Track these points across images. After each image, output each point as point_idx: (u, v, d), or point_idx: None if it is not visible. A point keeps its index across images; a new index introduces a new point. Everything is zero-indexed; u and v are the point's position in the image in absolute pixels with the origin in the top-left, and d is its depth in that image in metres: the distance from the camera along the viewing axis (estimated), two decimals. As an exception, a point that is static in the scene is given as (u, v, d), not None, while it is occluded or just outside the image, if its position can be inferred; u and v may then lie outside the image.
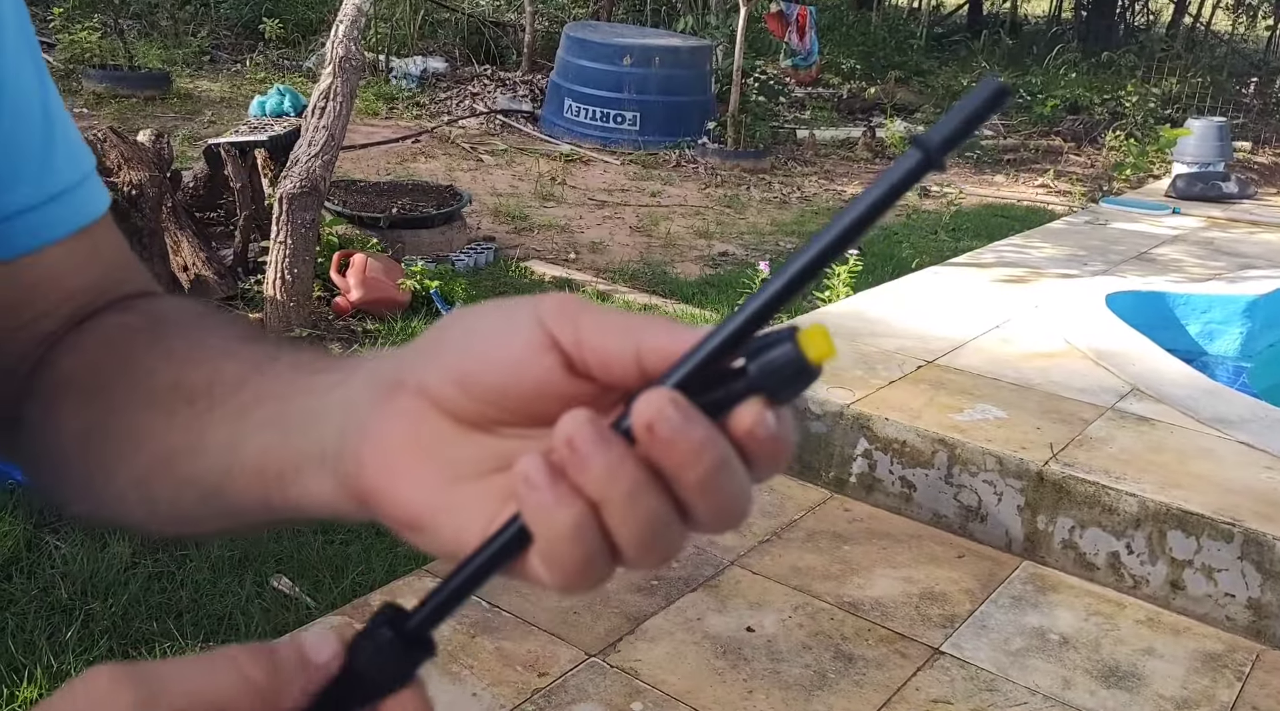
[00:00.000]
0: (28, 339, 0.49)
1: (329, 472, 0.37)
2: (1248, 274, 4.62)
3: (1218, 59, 11.77)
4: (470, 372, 0.34)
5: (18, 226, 0.47)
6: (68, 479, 0.48)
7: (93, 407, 0.46)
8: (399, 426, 0.35)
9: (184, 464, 0.42)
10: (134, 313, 0.50)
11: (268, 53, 9.14)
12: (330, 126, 3.59)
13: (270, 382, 0.41)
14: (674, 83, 7.72)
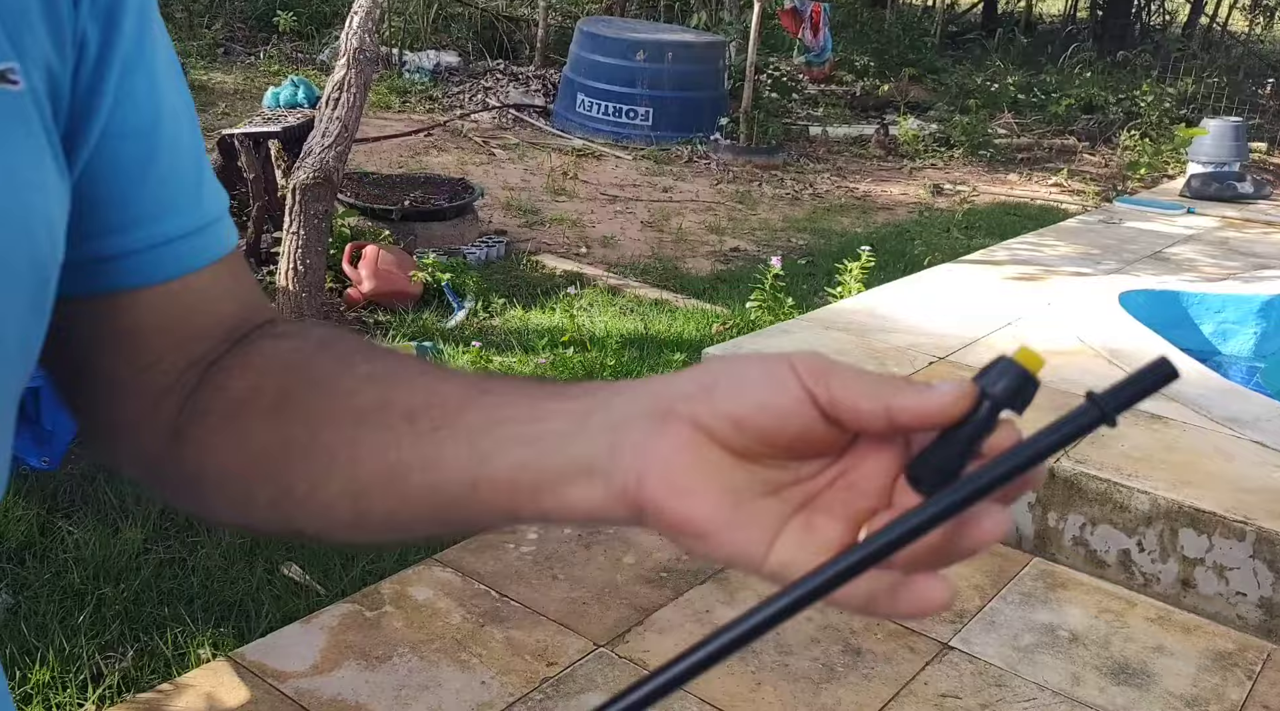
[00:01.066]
0: (183, 361, 0.53)
1: (598, 485, 0.42)
2: (1262, 274, 4.59)
3: (1234, 59, 11.70)
4: (746, 417, 0.40)
5: (176, 250, 0.51)
6: (237, 492, 0.52)
7: (287, 425, 0.50)
8: (683, 450, 0.41)
9: (415, 478, 0.46)
10: (299, 338, 0.55)
11: (282, 45, 9.17)
12: (344, 117, 3.59)
13: (503, 406, 0.45)
14: (687, 78, 7.71)
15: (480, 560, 2.44)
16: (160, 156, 0.50)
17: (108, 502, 2.59)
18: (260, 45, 9.19)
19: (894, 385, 0.39)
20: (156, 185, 0.50)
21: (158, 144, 0.50)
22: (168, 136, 0.50)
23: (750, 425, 0.40)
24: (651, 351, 3.84)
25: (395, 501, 0.47)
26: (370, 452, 0.47)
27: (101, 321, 0.51)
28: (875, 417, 0.39)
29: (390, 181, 5.17)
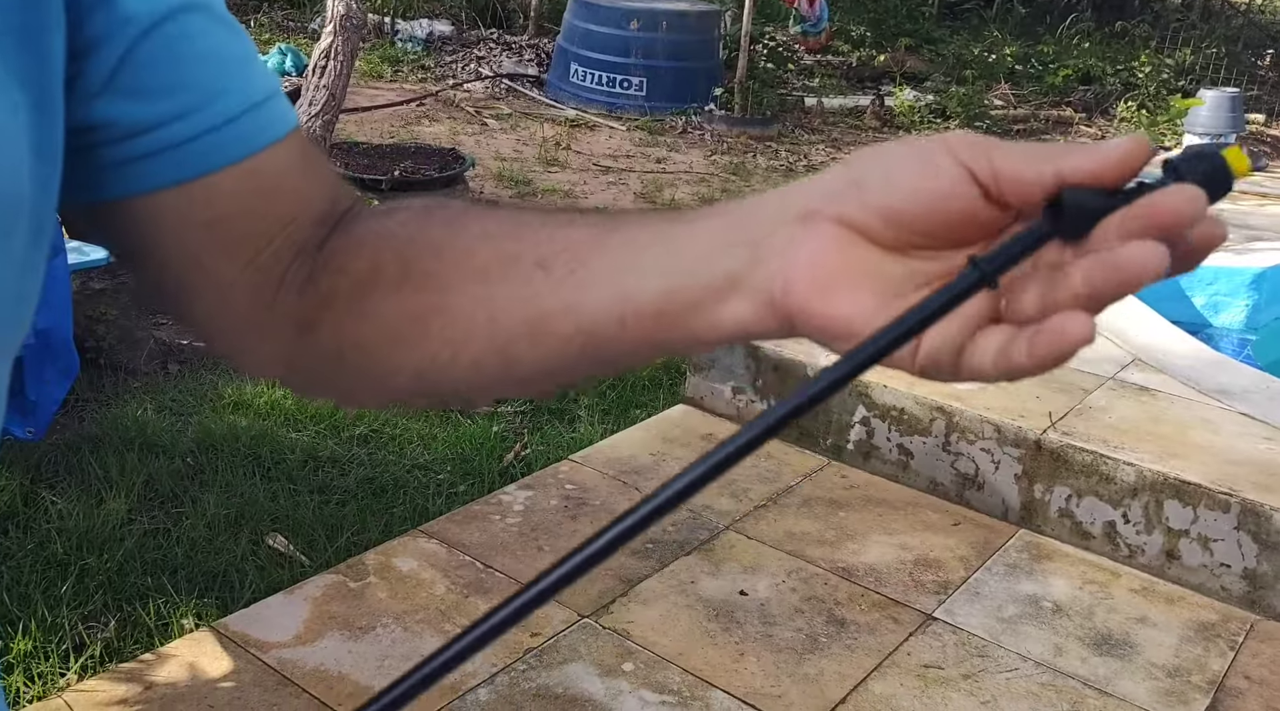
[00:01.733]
0: (286, 250, 0.52)
1: (745, 298, 0.41)
2: (1255, 246, 4.58)
3: (1234, 30, 11.61)
4: (899, 209, 0.39)
5: (237, 129, 0.50)
6: (379, 370, 0.52)
7: (417, 295, 0.50)
8: (828, 251, 0.40)
9: (560, 324, 0.46)
10: (402, 212, 0.53)
11: (272, 13, 9.07)
12: (331, 86, 3.56)
13: (636, 240, 0.45)
14: (681, 48, 7.64)
15: (465, 531, 2.44)
16: (196, 40, 0.49)
17: (92, 473, 2.59)
18: (251, 14, 9.08)
19: (1060, 150, 0.37)
20: (200, 68, 0.49)
21: (188, 28, 0.49)
22: (198, 20, 0.50)
23: (905, 215, 0.39)
24: (641, 323, 3.83)
25: (544, 350, 0.47)
26: (509, 306, 0.47)
27: (188, 218, 0.50)
28: (1043, 185, 0.37)
29: (380, 151, 5.12)
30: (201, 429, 2.84)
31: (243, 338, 0.55)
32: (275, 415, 2.97)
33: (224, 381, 3.12)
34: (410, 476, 2.74)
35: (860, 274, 0.40)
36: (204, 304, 0.54)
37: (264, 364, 0.57)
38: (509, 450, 2.92)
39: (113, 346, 3.14)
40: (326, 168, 0.57)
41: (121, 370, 3.11)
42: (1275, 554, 2.32)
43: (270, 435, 2.84)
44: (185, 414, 2.94)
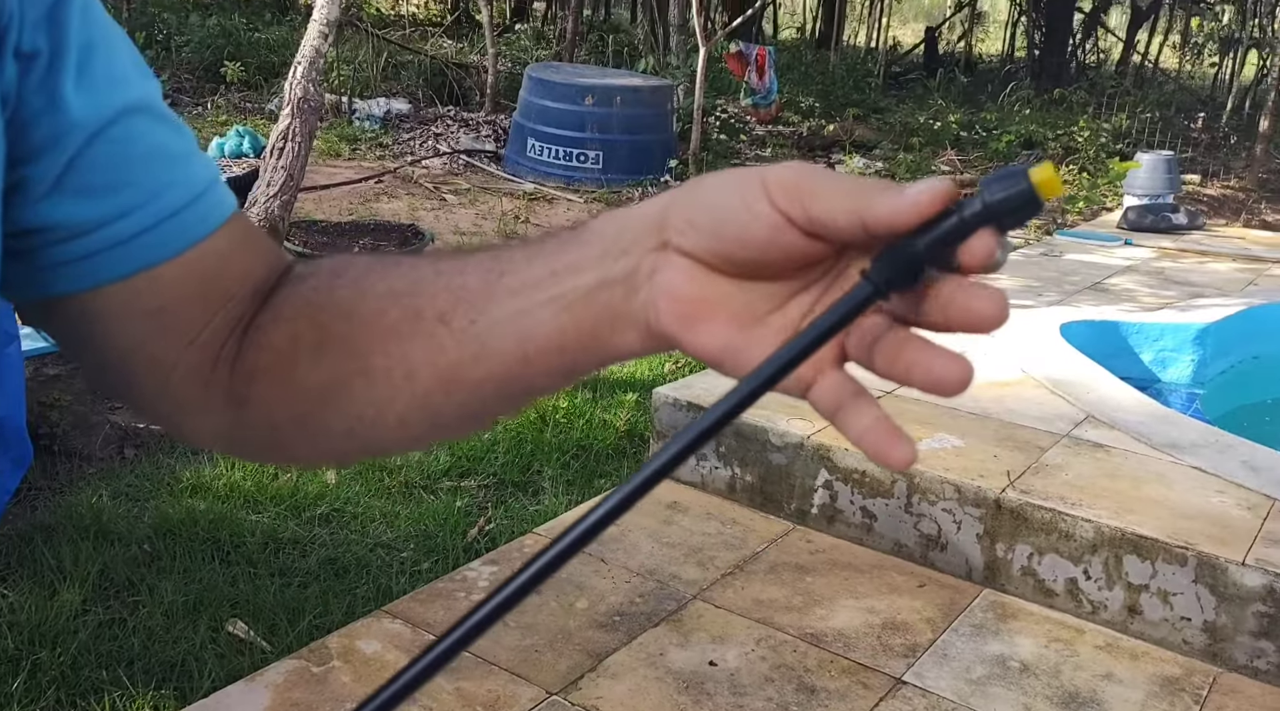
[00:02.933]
0: (222, 328, 0.54)
1: (631, 329, 0.45)
2: (1198, 302, 4.72)
3: (1166, 95, 12.08)
4: (728, 252, 0.41)
5: (182, 221, 0.52)
6: (312, 434, 0.54)
7: (336, 361, 0.52)
8: (682, 284, 0.43)
9: (471, 371, 0.48)
10: (313, 277, 0.56)
11: (230, 95, 9.14)
12: (289, 166, 3.59)
13: (524, 283, 0.47)
14: (636, 121, 7.80)
15: (430, 610, 2.41)
16: (139, 141, 0.51)
17: (45, 563, 2.53)
18: (208, 96, 9.15)
19: (869, 194, 0.38)
20: (144, 167, 0.51)
21: (132, 130, 0.51)
22: (141, 122, 0.52)
23: (736, 257, 0.41)
24: (604, 392, 3.84)
25: (461, 397, 0.49)
26: (421, 362, 0.49)
27: (131, 308, 0.52)
28: (854, 232, 0.39)
29: (339, 229, 5.15)
30: (159, 514, 2.79)
31: (184, 415, 0.57)
32: (234, 498, 2.93)
33: (181, 465, 3.08)
34: (373, 555, 2.71)
35: (714, 305, 0.43)
36: (146, 386, 0.56)
37: (205, 438, 0.58)
38: (473, 525, 2.90)
39: (67, 432, 3.10)
40: (264, 240, 0.59)
41: (76, 456, 3.06)
42: (1233, 606, 2.36)
43: (229, 518, 2.80)
44: (142, 499, 2.89)
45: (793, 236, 0.40)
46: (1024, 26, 15.09)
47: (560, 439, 3.45)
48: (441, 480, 3.15)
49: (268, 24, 11.20)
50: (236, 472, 3.04)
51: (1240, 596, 2.35)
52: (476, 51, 10.68)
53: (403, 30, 11.74)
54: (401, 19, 13.22)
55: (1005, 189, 0.36)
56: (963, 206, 0.37)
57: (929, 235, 0.37)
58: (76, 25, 0.49)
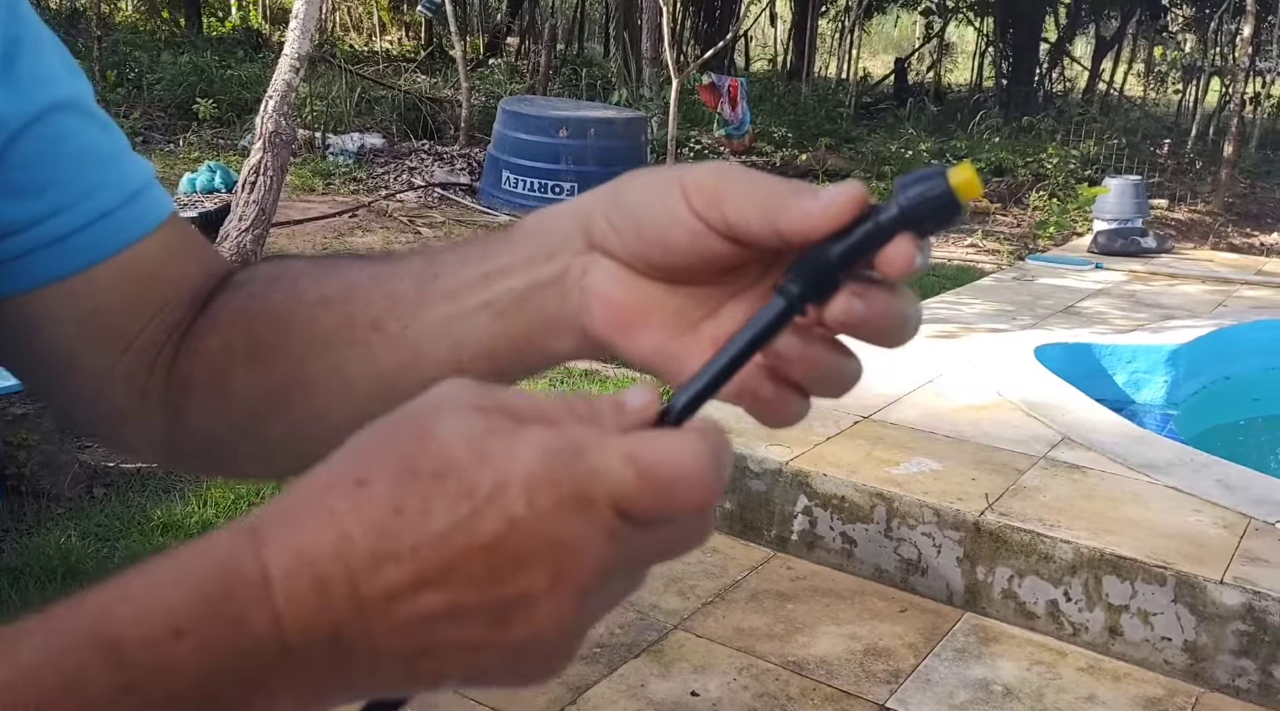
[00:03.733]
0: (160, 332, 0.53)
1: (565, 334, 0.44)
2: (1169, 324, 4.76)
3: (1132, 122, 12.28)
4: (650, 257, 0.40)
5: (115, 222, 0.51)
6: (251, 445, 0.53)
7: (270, 370, 0.50)
8: (613, 289, 0.42)
9: (405, 378, 0.46)
10: (250, 284, 0.54)
11: (202, 132, 9.12)
12: (261, 201, 3.57)
13: (456, 287, 0.45)
14: (610, 153, 7.84)
15: (407, 646, 2.37)
16: (68, 139, 0.50)
17: (10, 607, 2.47)
18: (180, 133, 9.13)
19: (783, 199, 0.37)
20: (74, 166, 0.50)
21: (60, 128, 0.50)
22: (69, 119, 0.50)
23: (659, 262, 0.40)
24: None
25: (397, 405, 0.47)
26: (356, 370, 0.48)
27: (66, 311, 0.50)
28: (769, 239, 0.37)
29: (313, 263, 5.12)
30: (129, 554, 2.74)
31: (121, 424, 0.55)
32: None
33: (153, 503, 3.03)
34: (348, 592, 2.67)
35: (646, 310, 0.42)
36: (80, 394, 0.54)
37: (143, 448, 0.56)
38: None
39: (34, 473, 3.04)
40: (201, 245, 0.58)
41: (44, 497, 3.01)
42: (1213, 625, 2.36)
43: (201, 556, 2.75)
44: (112, 539, 2.84)
45: (713, 242, 0.38)
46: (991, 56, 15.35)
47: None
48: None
49: (240, 61, 11.22)
50: (208, 510, 2.99)
51: (1220, 615, 2.35)
52: (450, 86, 10.73)
53: (376, 65, 11.79)
54: (375, 54, 13.28)
55: (922, 192, 0.35)
56: (878, 211, 0.35)
57: (844, 243, 0.36)
58: (3, 21, 0.48)
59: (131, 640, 0.30)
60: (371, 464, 0.32)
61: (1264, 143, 11.88)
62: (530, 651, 0.33)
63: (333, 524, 0.31)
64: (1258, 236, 8.50)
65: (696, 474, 0.32)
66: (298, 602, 0.31)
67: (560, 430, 0.33)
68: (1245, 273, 6.12)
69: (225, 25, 14.76)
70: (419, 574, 0.31)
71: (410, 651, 0.32)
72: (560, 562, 0.32)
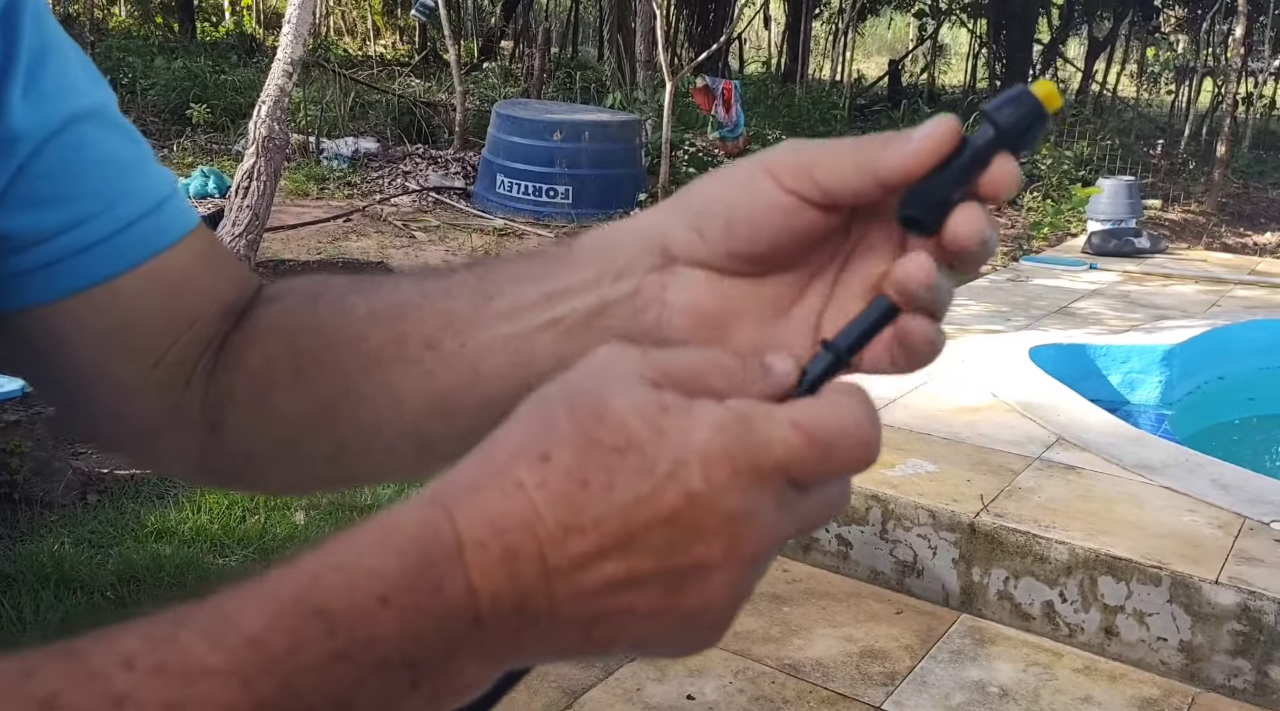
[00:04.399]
0: (193, 349, 0.52)
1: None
2: (1163, 324, 4.77)
3: (1125, 123, 12.31)
4: (745, 251, 0.40)
5: (140, 231, 0.50)
6: (291, 463, 0.52)
7: (317, 386, 0.49)
8: (700, 297, 0.42)
9: (466, 398, 0.46)
10: (287, 298, 0.53)
11: (196, 138, 9.11)
12: (254, 206, 3.57)
13: (516, 306, 0.45)
14: (605, 156, 7.84)
15: (402, 651, 2.36)
16: (91, 149, 0.50)
17: (3, 614, 2.46)
18: (174, 138, 9.12)
19: (873, 151, 0.38)
20: (97, 176, 0.49)
21: (83, 138, 0.49)
22: (92, 129, 0.50)
23: (752, 253, 0.40)
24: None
25: (455, 424, 0.47)
26: (409, 388, 0.47)
27: (93, 322, 0.50)
28: (868, 191, 0.38)
29: (307, 267, 5.12)
30: (122, 560, 2.73)
31: (150, 440, 0.54)
32: (201, 541, 2.88)
33: (146, 509, 3.02)
34: (343, 597, 2.66)
35: (738, 309, 0.42)
36: (108, 410, 0.53)
37: (173, 464, 0.56)
38: (445, 564, 2.86)
39: (27, 479, 3.03)
40: (231, 259, 0.57)
41: (37, 503, 3.00)
42: (1208, 625, 2.36)
43: (195, 562, 2.75)
44: (105, 545, 2.83)
45: (809, 214, 0.39)
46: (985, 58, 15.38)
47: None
48: (413, 518, 3.11)
49: (234, 66, 11.21)
50: (203, 516, 2.99)
51: (1215, 615, 2.35)
52: (444, 90, 10.72)
53: (370, 70, 11.78)
54: (369, 59, 13.27)
55: (1015, 110, 0.36)
56: (971, 138, 0.37)
57: (952, 168, 0.37)
58: (29, 32, 0.47)
59: (341, 608, 0.31)
60: (554, 438, 0.33)
61: (1257, 143, 11.91)
62: (698, 619, 0.34)
63: (522, 495, 0.32)
64: (1251, 236, 8.52)
65: (858, 432, 0.35)
66: (489, 571, 0.32)
67: (728, 404, 0.34)
68: (1239, 272, 6.13)
69: (219, 30, 14.75)
70: (601, 545, 0.32)
71: (587, 618, 0.33)
72: (734, 534, 0.33)
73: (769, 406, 0.34)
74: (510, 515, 0.32)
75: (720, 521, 0.33)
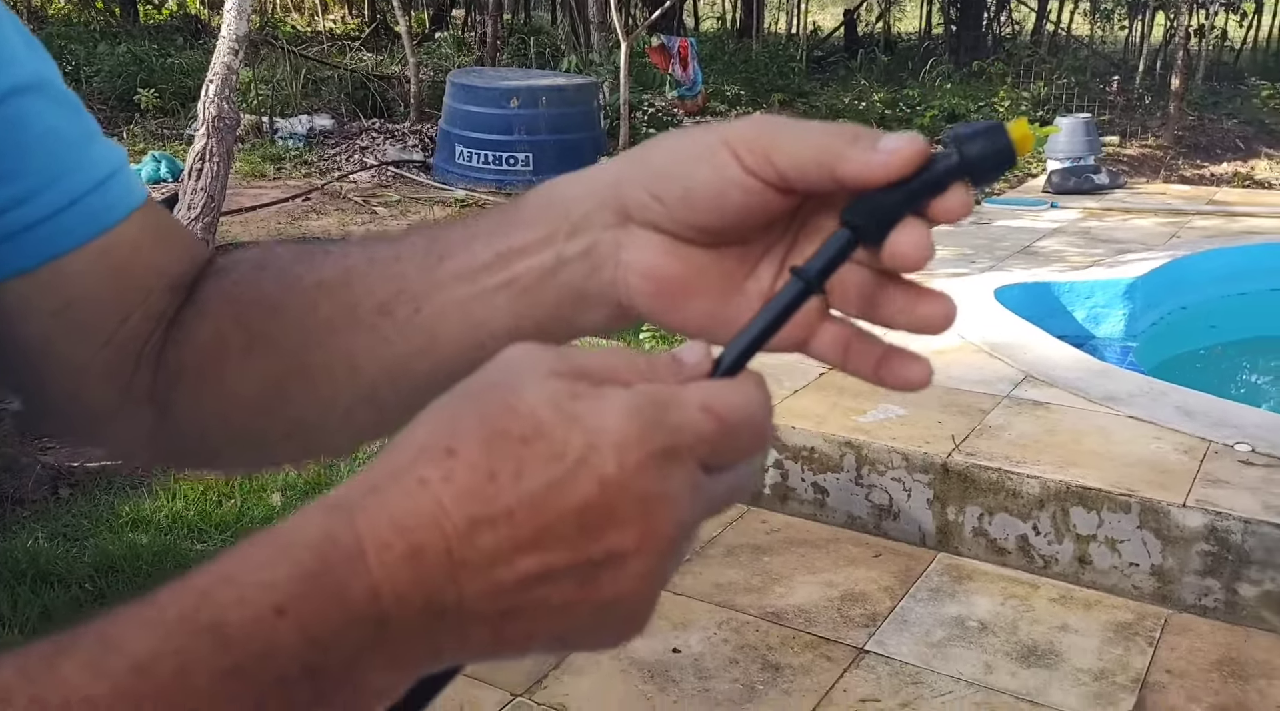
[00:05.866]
0: (143, 324, 0.51)
1: (596, 307, 0.43)
2: (1125, 258, 4.82)
3: (1080, 61, 12.34)
4: (701, 222, 0.40)
5: (86, 208, 0.49)
6: (248, 440, 0.51)
7: (268, 359, 0.48)
8: (657, 262, 0.41)
9: (420, 362, 0.45)
10: (234, 270, 0.52)
11: (145, 123, 8.94)
12: (209, 187, 3.51)
13: (469, 268, 0.44)
14: (563, 121, 7.77)
15: (387, 623, 2.37)
16: (33, 123, 0.48)
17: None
18: (123, 125, 8.94)
19: (839, 148, 0.37)
20: (40, 151, 0.48)
21: (24, 111, 0.48)
22: (34, 102, 0.48)
23: (710, 226, 0.40)
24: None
25: (408, 389, 0.46)
26: (364, 355, 0.46)
27: (40, 303, 0.48)
28: (823, 185, 0.38)
29: (268, 249, 5.06)
30: (99, 552, 2.71)
31: (103, 422, 0.53)
32: (177, 528, 2.86)
33: (120, 500, 3.00)
34: (325, 574, 2.66)
35: (691, 279, 0.41)
36: (59, 391, 0.52)
37: (127, 445, 0.55)
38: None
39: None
40: (181, 232, 0.56)
41: (8, 500, 2.97)
42: (1177, 548, 2.41)
43: (174, 549, 2.73)
44: (80, 538, 2.81)
45: (768, 196, 0.39)
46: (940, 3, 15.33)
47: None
48: (391, 493, 3.11)
49: (180, 49, 10.98)
50: (178, 503, 2.97)
51: (1184, 537, 2.40)
52: (397, 62, 10.56)
53: (320, 45, 11.58)
54: (318, 34, 13.04)
55: (984, 145, 0.36)
56: (936, 160, 0.37)
57: (906, 188, 0.37)
58: None
59: (234, 622, 0.30)
60: (459, 432, 0.32)
61: (1210, 75, 11.98)
62: (615, 610, 0.34)
63: (425, 492, 0.31)
64: (1208, 167, 8.60)
65: (762, 416, 0.35)
66: (394, 572, 0.31)
67: (637, 389, 0.33)
68: (1197, 203, 6.20)
69: (162, 13, 14.42)
70: (513, 536, 0.31)
71: (498, 614, 0.32)
72: (649, 518, 0.32)
73: (677, 389, 0.34)
74: (415, 513, 0.31)
75: (634, 506, 0.32)
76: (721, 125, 0.40)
